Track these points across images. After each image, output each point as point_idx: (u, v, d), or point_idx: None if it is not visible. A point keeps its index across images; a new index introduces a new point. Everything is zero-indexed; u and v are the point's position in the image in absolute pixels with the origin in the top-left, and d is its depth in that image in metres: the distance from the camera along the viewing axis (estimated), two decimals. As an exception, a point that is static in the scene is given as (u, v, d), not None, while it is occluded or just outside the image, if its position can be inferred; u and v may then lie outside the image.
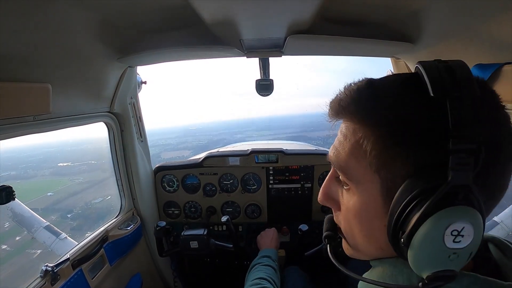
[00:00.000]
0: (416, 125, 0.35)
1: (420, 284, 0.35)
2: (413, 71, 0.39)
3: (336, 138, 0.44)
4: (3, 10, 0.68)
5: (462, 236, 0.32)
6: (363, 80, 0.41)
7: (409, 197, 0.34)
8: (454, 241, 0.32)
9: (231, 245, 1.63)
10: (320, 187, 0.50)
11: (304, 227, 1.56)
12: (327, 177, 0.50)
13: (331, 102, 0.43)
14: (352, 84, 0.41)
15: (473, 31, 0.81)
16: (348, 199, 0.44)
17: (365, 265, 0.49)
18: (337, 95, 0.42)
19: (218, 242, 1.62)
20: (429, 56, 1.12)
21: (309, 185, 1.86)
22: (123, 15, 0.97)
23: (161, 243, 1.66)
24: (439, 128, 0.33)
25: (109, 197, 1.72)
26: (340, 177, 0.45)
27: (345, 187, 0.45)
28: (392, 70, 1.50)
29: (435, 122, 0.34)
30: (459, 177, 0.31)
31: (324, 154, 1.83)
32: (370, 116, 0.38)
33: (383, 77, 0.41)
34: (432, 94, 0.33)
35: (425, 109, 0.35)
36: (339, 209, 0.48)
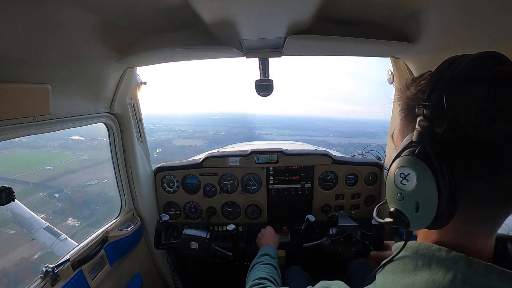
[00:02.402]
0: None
1: (387, 218, 0.45)
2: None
3: None
4: (3, 10, 0.68)
5: (407, 180, 0.41)
6: None
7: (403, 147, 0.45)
8: (401, 183, 0.42)
9: (230, 254, 1.60)
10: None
11: (311, 217, 1.50)
12: None
13: None
14: None
15: (473, 31, 0.81)
16: None
17: (365, 266, 0.49)
18: None
19: (218, 248, 1.59)
20: (428, 56, 1.12)
21: (309, 185, 1.84)
22: (123, 16, 0.97)
23: (159, 236, 1.64)
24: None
25: (106, 180, 1.69)
26: None
27: None
28: (392, 70, 1.50)
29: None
30: (417, 136, 0.41)
31: (324, 155, 1.83)
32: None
33: None
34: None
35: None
36: None
